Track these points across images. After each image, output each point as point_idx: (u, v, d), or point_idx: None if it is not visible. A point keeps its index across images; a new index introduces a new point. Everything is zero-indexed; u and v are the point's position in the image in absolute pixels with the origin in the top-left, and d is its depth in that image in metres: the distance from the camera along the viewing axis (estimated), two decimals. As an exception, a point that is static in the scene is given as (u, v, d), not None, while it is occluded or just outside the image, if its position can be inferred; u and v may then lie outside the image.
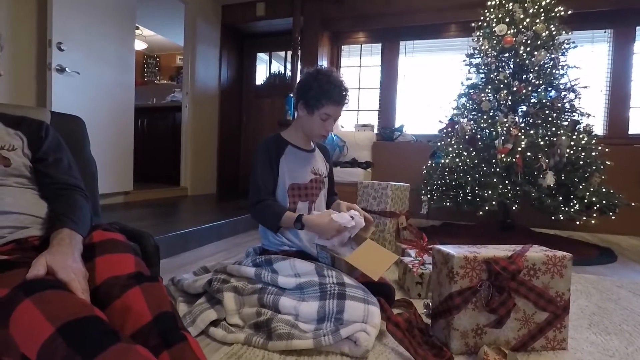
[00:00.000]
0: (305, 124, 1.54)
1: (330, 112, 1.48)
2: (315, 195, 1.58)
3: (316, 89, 1.45)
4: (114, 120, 3.29)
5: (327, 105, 1.46)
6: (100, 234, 0.88)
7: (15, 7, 2.58)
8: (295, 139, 1.59)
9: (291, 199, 1.53)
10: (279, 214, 1.44)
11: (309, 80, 1.48)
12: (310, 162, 1.59)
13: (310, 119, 1.51)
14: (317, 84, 1.45)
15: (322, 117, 1.49)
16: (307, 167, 1.57)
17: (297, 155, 1.57)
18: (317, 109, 1.47)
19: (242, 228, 2.99)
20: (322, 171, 1.64)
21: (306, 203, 1.55)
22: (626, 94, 3.84)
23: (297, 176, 1.54)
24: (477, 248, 1.20)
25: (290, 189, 1.53)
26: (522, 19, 2.88)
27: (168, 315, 0.74)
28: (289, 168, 1.53)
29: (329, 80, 1.46)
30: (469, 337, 1.12)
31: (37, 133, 1.01)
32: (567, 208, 2.54)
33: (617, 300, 1.66)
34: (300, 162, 1.57)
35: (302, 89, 1.50)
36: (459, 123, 3.02)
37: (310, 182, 1.56)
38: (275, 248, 1.53)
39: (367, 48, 4.79)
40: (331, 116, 1.49)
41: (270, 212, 1.46)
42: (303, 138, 1.60)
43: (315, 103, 1.46)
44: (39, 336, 0.58)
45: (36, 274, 0.69)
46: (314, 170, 1.59)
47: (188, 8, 4.28)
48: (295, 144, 1.58)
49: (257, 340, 1.12)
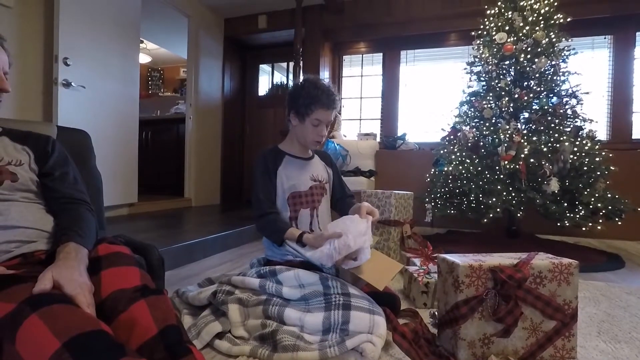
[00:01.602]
0: (299, 132, 1.57)
1: (321, 117, 1.50)
2: (317, 202, 1.59)
3: (304, 96, 1.49)
4: (119, 133, 3.32)
5: (317, 110, 1.49)
6: (105, 247, 0.89)
7: (23, 24, 2.63)
8: (291, 149, 1.62)
9: (292, 207, 1.54)
10: (283, 229, 1.45)
11: (297, 89, 1.52)
12: (308, 169, 1.61)
13: (302, 127, 1.54)
14: (304, 91, 1.49)
15: (314, 123, 1.51)
16: (305, 175, 1.59)
17: (295, 164, 1.59)
18: (307, 115, 1.50)
19: (247, 238, 2.99)
20: (323, 177, 1.65)
21: (308, 210, 1.56)
22: (628, 99, 3.84)
23: (296, 184, 1.56)
24: (482, 256, 1.19)
25: (291, 198, 1.54)
26: (521, 27, 2.90)
27: (174, 328, 0.74)
28: (287, 177, 1.55)
29: (316, 85, 1.49)
30: (476, 346, 1.10)
31: (43, 148, 1.03)
32: (572, 214, 2.52)
33: (627, 308, 1.64)
34: (299, 170, 1.59)
35: (292, 98, 1.54)
36: (462, 130, 3.02)
37: (310, 189, 1.58)
38: (280, 258, 1.53)
39: (368, 58, 4.83)
40: (322, 121, 1.51)
41: (274, 228, 1.48)
42: (299, 147, 1.62)
43: (305, 110, 1.49)
44: (45, 351, 0.58)
45: (43, 288, 0.69)
46: (313, 177, 1.60)
47: (191, 21, 4.34)
48: (292, 154, 1.61)
49: (262, 353, 1.12)
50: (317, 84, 1.50)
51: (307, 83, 1.52)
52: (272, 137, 5.00)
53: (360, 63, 4.86)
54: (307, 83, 1.52)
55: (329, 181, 1.70)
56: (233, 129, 5.12)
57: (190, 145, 4.41)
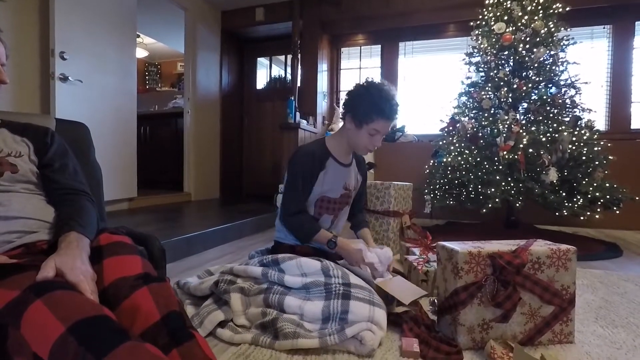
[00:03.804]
0: (352, 137, 1.50)
1: (380, 128, 1.44)
2: (340, 210, 1.59)
3: (367, 103, 1.41)
4: (117, 128, 3.31)
5: (378, 120, 1.42)
6: (107, 237, 0.89)
7: (18, 18, 2.61)
8: (337, 151, 1.56)
9: (317, 209, 1.54)
10: (315, 230, 1.47)
11: (360, 94, 1.44)
12: (345, 178, 1.58)
13: (357, 133, 1.47)
14: (368, 98, 1.42)
15: (371, 132, 1.45)
16: (341, 183, 1.56)
17: (335, 170, 1.55)
18: (366, 123, 1.43)
19: (247, 231, 3.00)
20: (353, 186, 1.64)
21: (330, 217, 1.57)
22: (627, 89, 3.83)
23: (330, 190, 1.53)
24: (481, 243, 1.20)
25: (320, 201, 1.53)
26: (520, 17, 2.89)
27: (176, 314, 0.74)
28: (324, 182, 1.52)
29: (381, 94, 1.41)
30: (475, 332, 1.12)
31: (42, 139, 1.03)
32: (570, 203, 2.53)
33: (624, 294, 1.66)
34: (337, 178, 1.55)
35: (352, 101, 1.47)
36: (460, 122, 3.02)
37: (340, 197, 1.56)
38: (293, 242, 1.55)
39: (366, 50, 4.81)
40: (380, 132, 1.45)
41: (308, 228, 1.49)
42: (346, 149, 1.57)
43: (365, 118, 1.42)
44: (50, 335, 0.59)
45: (46, 275, 0.70)
46: (346, 186, 1.58)
47: (188, 15, 4.31)
48: (336, 157, 1.55)
49: (264, 340, 1.13)
50: (382, 92, 1.41)
51: (373, 89, 1.43)
52: (271, 130, 5.00)
53: (359, 55, 4.84)
54: (373, 89, 1.43)
55: (356, 189, 1.68)
56: (231, 122, 5.11)
57: (189, 140, 4.40)
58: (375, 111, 1.41)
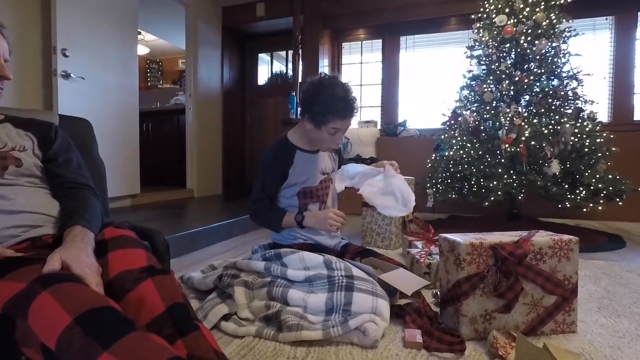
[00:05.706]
0: (313, 136, 1.49)
1: (339, 126, 1.42)
2: (325, 195, 1.60)
3: (320, 104, 1.37)
4: (120, 125, 3.32)
5: (334, 120, 1.39)
6: (111, 231, 0.90)
7: (20, 15, 2.62)
8: (302, 143, 1.57)
9: (301, 202, 1.55)
10: (282, 213, 1.53)
11: (312, 94, 1.40)
12: (318, 163, 1.58)
13: (317, 133, 1.45)
14: (320, 98, 1.37)
15: (330, 132, 1.42)
16: (316, 169, 1.56)
17: (306, 159, 1.55)
18: (323, 124, 1.41)
19: (251, 226, 3.01)
20: (330, 168, 1.65)
21: (317, 204, 1.57)
22: (630, 80, 3.81)
23: (308, 179, 1.54)
24: (483, 235, 1.21)
25: (302, 193, 1.54)
26: (521, 9, 2.87)
27: (181, 306, 0.75)
28: (299, 174, 1.53)
29: (333, 93, 1.37)
30: (478, 322, 1.12)
31: (46, 134, 1.03)
32: (573, 195, 2.52)
33: (627, 284, 1.66)
34: (310, 166, 1.55)
35: (306, 102, 1.43)
36: (462, 115, 3.01)
37: (320, 183, 1.57)
38: (289, 242, 1.55)
39: (367, 44, 4.79)
40: (340, 129, 1.43)
41: (272, 216, 1.54)
42: (310, 140, 1.56)
43: (321, 118, 1.39)
44: (57, 326, 0.60)
45: (52, 268, 0.71)
46: (322, 170, 1.59)
47: (189, 11, 4.31)
48: (302, 148, 1.56)
49: (267, 333, 1.14)
50: (334, 91, 1.37)
51: (323, 89, 1.38)
52: (273, 126, 5.00)
53: (360, 50, 4.83)
54: (323, 89, 1.38)
55: (335, 168, 1.69)
56: (233, 118, 5.11)
57: (191, 136, 4.41)
58: (331, 112, 1.37)
